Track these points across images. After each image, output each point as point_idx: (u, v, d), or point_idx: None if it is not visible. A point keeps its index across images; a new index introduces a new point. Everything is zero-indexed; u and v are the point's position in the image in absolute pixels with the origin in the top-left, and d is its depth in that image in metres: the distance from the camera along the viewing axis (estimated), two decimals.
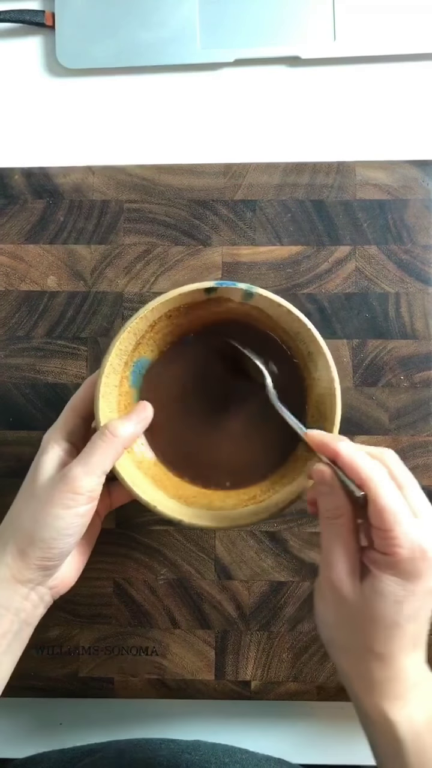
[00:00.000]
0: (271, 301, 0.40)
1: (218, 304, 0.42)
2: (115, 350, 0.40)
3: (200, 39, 0.53)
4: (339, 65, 0.54)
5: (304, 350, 0.41)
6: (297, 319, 0.40)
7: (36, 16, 0.53)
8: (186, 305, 0.41)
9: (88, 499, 0.37)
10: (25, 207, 0.51)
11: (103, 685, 0.50)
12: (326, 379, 0.40)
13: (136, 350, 0.42)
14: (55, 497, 0.37)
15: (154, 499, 0.40)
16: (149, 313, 0.40)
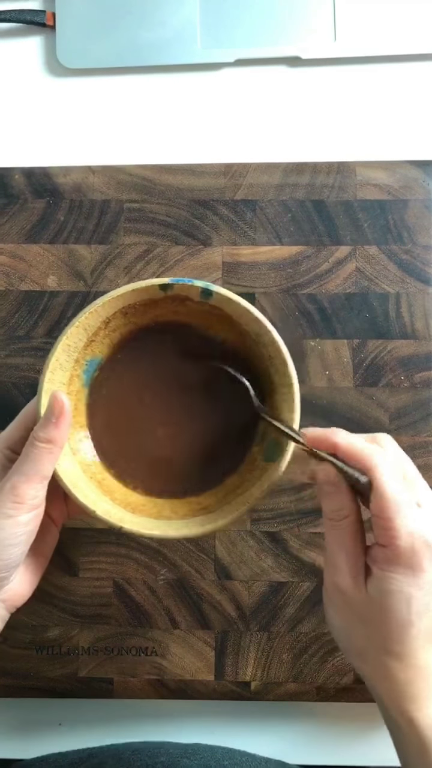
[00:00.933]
0: (230, 301, 0.38)
1: (177, 303, 0.40)
2: (62, 345, 0.37)
3: (201, 39, 0.53)
4: (339, 65, 0.54)
5: (265, 354, 0.39)
6: (257, 320, 0.38)
7: (36, 16, 0.53)
8: (142, 303, 0.39)
9: (30, 507, 0.36)
10: (26, 207, 0.51)
11: (102, 686, 0.50)
12: (285, 384, 0.38)
13: (88, 347, 0.40)
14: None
15: (95, 503, 0.38)
16: (100, 308, 0.38)
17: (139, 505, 0.41)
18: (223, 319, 0.40)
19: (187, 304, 0.40)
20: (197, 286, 0.38)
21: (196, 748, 0.47)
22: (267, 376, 0.40)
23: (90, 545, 0.50)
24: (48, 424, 0.36)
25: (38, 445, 0.36)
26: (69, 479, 0.38)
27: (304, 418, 0.49)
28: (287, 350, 0.38)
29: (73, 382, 0.40)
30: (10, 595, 0.39)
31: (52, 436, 0.36)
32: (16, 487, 0.35)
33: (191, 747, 0.47)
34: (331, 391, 0.50)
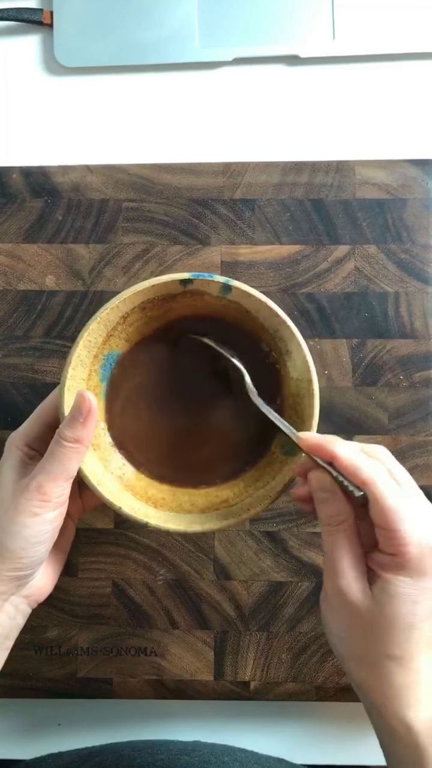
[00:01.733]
0: (250, 296, 0.38)
1: (195, 297, 0.40)
2: (83, 341, 0.38)
3: (199, 38, 0.53)
4: (338, 64, 0.54)
5: (283, 348, 0.40)
6: (276, 314, 0.38)
7: (34, 15, 0.53)
8: (161, 297, 0.39)
9: (56, 505, 0.36)
10: (24, 206, 0.51)
11: (101, 686, 0.49)
12: (305, 380, 0.38)
13: (106, 343, 0.40)
14: (20, 505, 0.35)
15: (120, 500, 0.39)
16: (121, 303, 0.38)
17: (159, 498, 0.41)
18: (240, 313, 0.40)
19: (204, 298, 0.40)
20: (217, 281, 0.38)
21: (195, 745, 0.47)
22: (285, 368, 0.40)
23: (89, 545, 0.50)
24: (75, 423, 0.36)
25: (65, 444, 0.36)
26: (94, 477, 0.38)
27: None
28: (306, 344, 0.38)
29: (92, 377, 0.40)
30: (33, 591, 0.39)
31: (79, 436, 0.36)
32: (43, 485, 0.35)
33: (191, 744, 0.47)
34: (330, 390, 0.50)
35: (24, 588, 0.38)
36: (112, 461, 0.41)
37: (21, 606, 0.39)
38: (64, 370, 0.38)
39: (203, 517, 0.40)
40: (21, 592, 0.38)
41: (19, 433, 0.39)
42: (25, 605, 0.39)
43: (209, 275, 0.38)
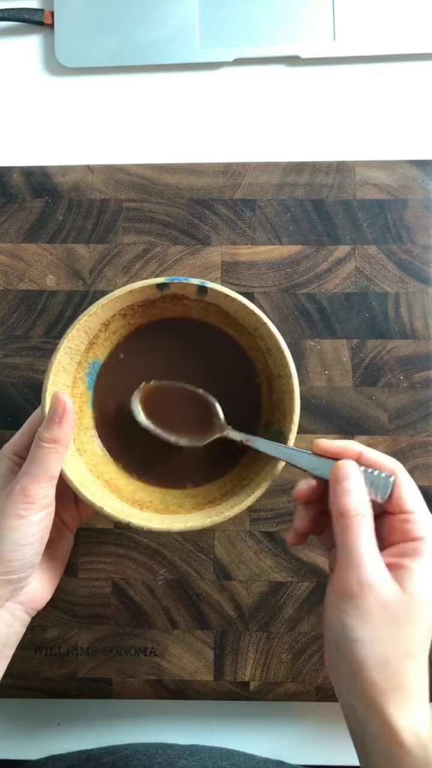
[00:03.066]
0: (226, 296, 0.39)
1: (174, 302, 0.41)
2: (63, 348, 0.38)
3: (200, 38, 0.53)
4: (339, 65, 0.54)
5: (263, 347, 0.40)
6: (253, 313, 0.39)
7: (35, 15, 0.53)
8: (140, 303, 0.40)
9: (41, 507, 0.36)
10: (24, 206, 0.51)
11: (101, 686, 0.49)
12: (285, 375, 0.39)
13: (90, 350, 0.40)
14: (6, 509, 0.36)
15: (102, 500, 0.39)
16: (99, 309, 0.39)
17: (146, 501, 0.42)
18: (220, 315, 0.41)
19: (183, 302, 0.41)
20: (192, 283, 0.39)
21: (193, 749, 0.47)
22: (267, 370, 0.41)
23: (89, 545, 0.50)
24: (52, 424, 0.37)
25: (43, 445, 0.36)
26: (77, 480, 0.39)
27: (303, 419, 0.49)
28: (284, 341, 0.39)
29: (77, 385, 0.41)
30: (29, 598, 0.39)
31: (56, 436, 0.37)
32: (26, 488, 0.36)
33: (189, 748, 0.47)
34: (331, 390, 0.50)
35: (19, 594, 0.38)
36: (99, 465, 0.42)
37: (18, 613, 0.39)
38: (45, 377, 0.38)
39: (187, 516, 0.40)
40: (17, 598, 0.38)
41: (9, 444, 0.40)
42: (22, 612, 0.39)
43: (184, 278, 0.39)
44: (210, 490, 0.42)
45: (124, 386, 0.42)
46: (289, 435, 0.39)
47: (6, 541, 0.36)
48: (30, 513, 0.36)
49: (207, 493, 0.42)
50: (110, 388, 0.42)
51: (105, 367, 0.42)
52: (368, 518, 0.33)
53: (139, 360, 0.42)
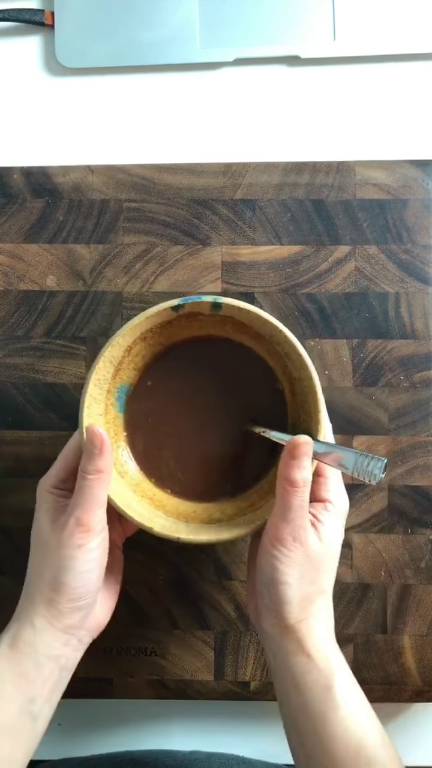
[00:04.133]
0: (240, 309, 0.40)
1: (190, 319, 0.42)
2: (93, 381, 0.40)
3: (200, 38, 0.53)
4: (339, 65, 0.54)
5: (282, 352, 0.41)
6: (267, 321, 0.40)
7: (35, 15, 0.53)
8: (158, 325, 0.41)
9: (96, 533, 0.38)
10: (24, 206, 0.51)
11: (102, 686, 0.49)
12: (306, 377, 0.40)
13: (116, 377, 0.42)
14: (64, 541, 0.37)
15: (150, 519, 0.41)
16: (121, 339, 0.40)
17: (190, 512, 0.43)
18: (236, 326, 0.42)
19: (199, 318, 0.42)
20: (206, 301, 0.40)
21: (193, 757, 0.47)
22: (288, 374, 0.42)
23: None
24: (92, 456, 0.38)
25: (89, 477, 0.38)
26: (122, 502, 0.40)
27: None
28: (301, 345, 0.40)
29: (109, 411, 0.42)
30: (93, 622, 0.41)
31: (99, 467, 0.38)
32: (80, 518, 0.38)
33: (188, 756, 0.47)
34: (331, 390, 0.50)
35: (88, 620, 0.40)
36: (140, 484, 0.43)
37: (84, 639, 0.40)
38: (80, 412, 0.40)
39: (231, 524, 0.42)
40: (85, 625, 0.39)
41: (48, 478, 0.41)
42: (87, 637, 0.40)
43: (198, 297, 0.40)
44: (249, 496, 0.43)
45: (153, 403, 0.44)
46: (317, 436, 0.40)
47: (68, 571, 0.37)
48: (87, 541, 0.37)
49: (246, 498, 0.43)
50: (140, 409, 0.44)
51: (134, 392, 0.44)
52: (308, 487, 0.38)
53: (164, 379, 0.44)
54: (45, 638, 0.38)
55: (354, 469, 0.37)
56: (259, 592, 0.39)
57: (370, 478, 0.36)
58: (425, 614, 0.49)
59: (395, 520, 0.49)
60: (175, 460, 0.44)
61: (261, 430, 0.42)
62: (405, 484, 0.49)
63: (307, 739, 0.36)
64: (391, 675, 0.49)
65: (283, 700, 0.38)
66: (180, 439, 0.44)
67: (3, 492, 0.51)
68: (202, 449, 0.44)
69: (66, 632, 0.38)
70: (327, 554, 0.38)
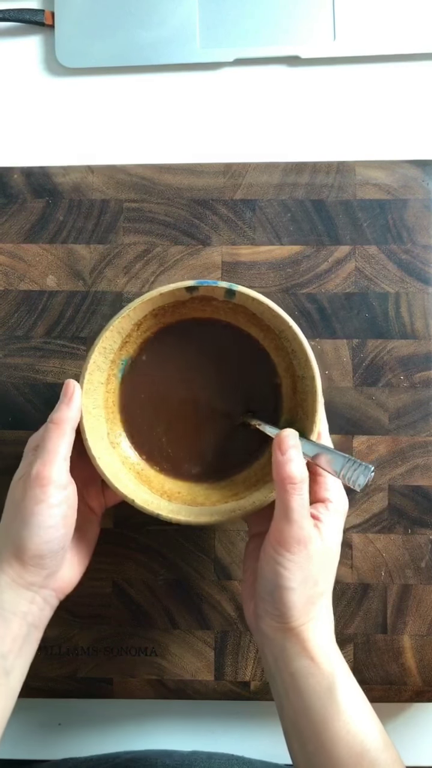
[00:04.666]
0: (253, 299, 0.40)
1: (203, 303, 0.42)
2: (99, 348, 0.40)
3: (200, 38, 0.53)
4: (339, 65, 0.54)
5: (288, 348, 0.41)
6: (279, 316, 0.40)
7: (35, 15, 0.53)
8: (170, 304, 0.42)
9: (57, 488, 0.37)
10: (25, 206, 0.51)
11: (102, 686, 0.49)
12: (308, 377, 0.40)
13: (123, 348, 0.42)
14: (26, 496, 0.37)
15: (134, 493, 0.41)
16: (132, 312, 0.40)
17: (174, 492, 0.43)
18: (247, 316, 0.42)
19: (212, 303, 0.42)
20: (221, 287, 0.40)
21: (193, 758, 0.47)
22: (291, 371, 0.42)
23: None
24: (60, 406, 0.39)
25: (51, 426, 0.38)
26: (110, 471, 0.40)
27: None
28: (309, 344, 0.40)
29: (111, 381, 0.43)
30: (60, 583, 0.40)
31: (64, 416, 0.38)
32: (40, 471, 0.37)
33: (188, 757, 0.47)
34: (331, 390, 0.50)
35: (52, 579, 0.39)
36: (130, 458, 0.44)
37: (49, 598, 0.40)
38: (82, 376, 0.40)
39: (213, 509, 0.42)
40: (50, 584, 0.39)
41: (32, 439, 0.41)
42: (53, 598, 0.40)
43: (213, 282, 0.40)
44: (235, 483, 0.44)
45: (148, 381, 0.44)
46: (310, 436, 0.40)
47: (30, 526, 0.37)
48: (48, 496, 0.37)
49: (232, 485, 0.44)
50: (138, 384, 0.44)
51: (133, 365, 0.44)
52: (306, 483, 0.37)
53: (165, 357, 0.44)
54: (8, 595, 0.37)
55: (341, 473, 0.37)
56: (260, 597, 0.38)
57: (355, 485, 0.36)
58: (425, 614, 0.49)
59: (395, 520, 0.49)
60: (168, 437, 0.44)
61: (257, 422, 0.42)
62: (405, 484, 0.49)
63: (309, 742, 0.36)
64: (391, 675, 0.49)
65: (283, 703, 0.38)
66: (174, 417, 0.44)
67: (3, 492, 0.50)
68: (194, 430, 0.45)
69: (29, 589, 0.38)
70: (328, 554, 0.38)
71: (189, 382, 0.44)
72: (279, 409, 0.44)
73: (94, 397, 0.41)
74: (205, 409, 0.44)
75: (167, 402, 0.44)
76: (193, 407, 0.44)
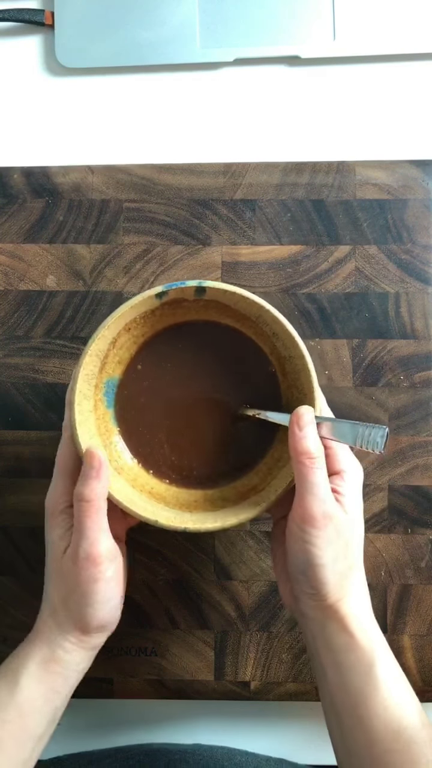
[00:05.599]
0: (224, 291, 0.39)
1: (174, 307, 0.41)
2: (81, 377, 0.39)
3: (200, 38, 0.53)
4: (339, 65, 0.54)
5: (269, 332, 0.41)
6: (254, 303, 0.39)
7: (35, 15, 0.53)
8: (142, 315, 0.41)
9: (109, 563, 0.38)
10: (25, 206, 0.51)
11: (102, 686, 0.49)
12: (297, 356, 0.40)
13: (103, 371, 0.41)
14: (81, 578, 0.37)
15: (155, 513, 0.40)
16: (106, 331, 0.39)
17: (191, 501, 0.43)
18: (220, 310, 0.41)
19: (183, 305, 0.41)
20: (190, 286, 0.39)
21: (195, 749, 0.47)
22: (276, 353, 0.41)
23: None
24: (89, 481, 0.38)
25: (85, 505, 0.37)
26: (124, 498, 0.40)
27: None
28: (290, 324, 0.39)
29: (98, 407, 0.42)
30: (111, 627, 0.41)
31: (96, 493, 0.38)
32: (89, 554, 0.37)
33: (190, 749, 0.47)
34: (331, 390, 0.50)
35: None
36: (138, 479, 0.43)
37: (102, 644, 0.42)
38: (71, 409, 0.39)
39: (236, 509, 0.41)
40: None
41: (53, 496, 0.40)
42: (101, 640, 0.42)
43: (180, 283, 0.39)
44: (250, 478, 0.43)
45: (143, 398, 0.43)
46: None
47: (92, 604, 0.38)
48: (102, 574, 0.38)
49: (248, 480, 0.43)
50: (130, 401, 0.43)
51: (122, 384, 0.43)
52: (323, 458, 0.37)
53: (154, 371, 0.43)
54: (75, 658, 0.39)
55: (355, 440, 0.36)
56: (294, 579, 0.38)
57: (374, 447, 0.35)
58: (425, 614, 0.49)
59: (395, 520, 0.49)
60: (170, 446, 0.43)
61: (255, 412, 0.42)
62: (405, 484, 0.49)
63: (346, 717, 0.36)
64: None
65: (323, 680, 0.38)
66: (173, 425, 0.43)
67: (3, 492, 0.51)
68: (195, 434, 0.44)
69: (93, 650, 0.40)
70: (354, 525, 0.38)
71: (183, 390, 0.43)
72: (278, 395, 0.43)
73: (87, 427, 0.40)
74: (205, 414, 0.44)
75: (163, 411, 0.43)
76: (190, 411, 0.44)
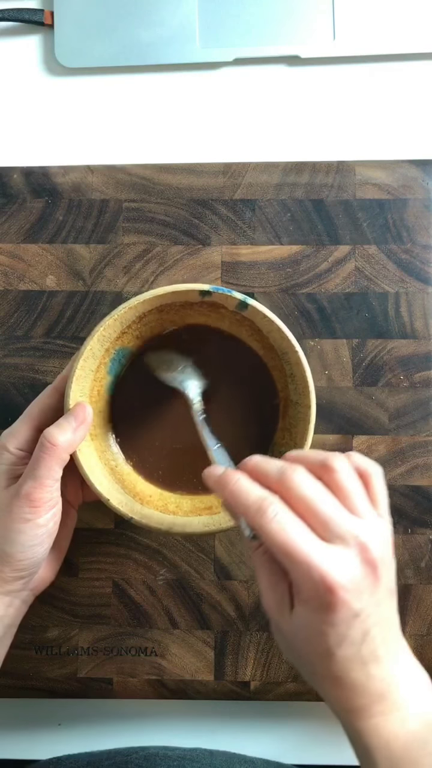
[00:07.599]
0: (264, 316, 0.39)
1: (211, 308, 0.41)
2: (98, 335, 0.39)
3: (199, 38, 0.53)
4: (339, 65, 0.54)
5: (288, 371, 0.41)
6: (285, 338, 0.39)
7: (35, 15, 0.53)
8: (179, 304, 0.41)
9: (47, 509, 0.37)
10: (24, 206, 0.51)
11: (102, 686, 0.49)
12: (303, 405, 0.39)
13: (119, 338, 0.41)
14: (13, 512, 0.36)
15: (109, 491, 0.40)
16: (140, 304, 0.39)
17: (146, 495, 0.43)
18: (252, 331, 0.42)
19: (220, 311, 0.42)
20: (236, 297, 0.39)
21: (194, 754, 0.47)
22: (285, 390, 0.41)
23: (89, 545, 0.50)
24: (65, 427, 0.37)
25: (50, 448, 0.36)
26: (87, 464, 0.39)
27: None
28: (311, 372, 0.39)
29: (100, 369, 0.42)
30: (36, 583, 0.41)
31: (67, 441, 0.37)
32: (31, 493, 0.36)
33: (189, 753, 0.47)
34: (331, 390, 0.50)
35: (31, 582, 0.40)
36: (106, 451, 0.43)
37: (27, 598, 0.41)
38: (76, 361, 0.39)
39: (186, 520, 0.41)
40: (28, 587, 0.40)
41: (10, 436, 0.40)
42: (30, 597, 0.41)
43: (229, 290, 0.39)
44: (209, 497, 0.43)
45: (145, 379, 0.43)
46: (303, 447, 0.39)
47: (14, 543, 0.37)
48: (36, 516, 0.36)
49: (205, 499, 0.43)
50: (131, 378, 0.43)
51: (131, 357, 0.43)
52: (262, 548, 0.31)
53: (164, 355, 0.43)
54: None
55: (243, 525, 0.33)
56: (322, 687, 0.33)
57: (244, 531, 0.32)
58: (425, 614, 0.49)
59: (395, 520, 0.49)
60: (148, 440, 0.43)
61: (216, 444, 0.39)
62: (405, 484, 0.49)
63: None
64: None
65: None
66: (159, 421, 0.44)
67: None
68: (174, 434, 0.44)
69: (8, 595, 0.38)
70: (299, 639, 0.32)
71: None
72: (271, 433, 0.42)
73: (82, 385, 0.40)
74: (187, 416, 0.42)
75: (156, 404, 0.43)
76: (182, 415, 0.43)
